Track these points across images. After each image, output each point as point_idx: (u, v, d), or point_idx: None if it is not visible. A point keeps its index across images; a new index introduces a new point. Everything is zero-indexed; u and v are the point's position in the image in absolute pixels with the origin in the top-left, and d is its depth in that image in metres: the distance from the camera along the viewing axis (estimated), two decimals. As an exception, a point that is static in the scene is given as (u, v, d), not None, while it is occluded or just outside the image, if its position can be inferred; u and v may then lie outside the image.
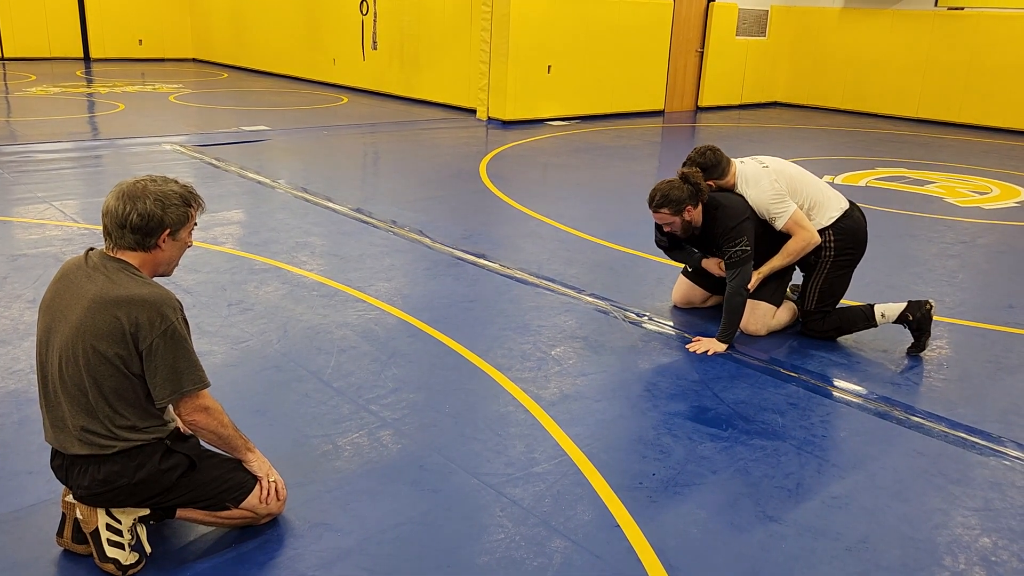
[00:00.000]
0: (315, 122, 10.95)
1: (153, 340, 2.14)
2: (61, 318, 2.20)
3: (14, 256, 4.88)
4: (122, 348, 2.13)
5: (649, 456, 2.98)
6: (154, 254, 2.27)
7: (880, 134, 11.97)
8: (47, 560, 2.31)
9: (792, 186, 4.04)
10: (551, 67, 11.75)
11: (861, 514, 2.68)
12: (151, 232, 2.22)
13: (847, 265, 4.05)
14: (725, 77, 14.48)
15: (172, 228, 2.26)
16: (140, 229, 2.21)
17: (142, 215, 2.20)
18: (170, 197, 2.25)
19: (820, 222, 4.02)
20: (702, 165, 3.99)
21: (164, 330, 2.15)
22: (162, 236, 2.24)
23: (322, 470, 2.80)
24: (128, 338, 2.13)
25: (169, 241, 2.27)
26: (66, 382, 2.18)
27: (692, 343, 3.90)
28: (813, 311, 4.07)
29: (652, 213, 3.93)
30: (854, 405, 3.45)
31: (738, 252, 3.82)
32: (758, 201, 3.97)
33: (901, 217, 6.83)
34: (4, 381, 3.33)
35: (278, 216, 6.10)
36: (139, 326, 2.13)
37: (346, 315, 4.19)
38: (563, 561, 2.38)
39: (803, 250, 3.97)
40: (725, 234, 3.86)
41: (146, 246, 2.24)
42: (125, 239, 2.22)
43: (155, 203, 2.21)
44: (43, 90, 12.94)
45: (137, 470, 2.21)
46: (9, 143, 8.40)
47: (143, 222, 2.20)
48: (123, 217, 2.20)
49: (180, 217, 2.27)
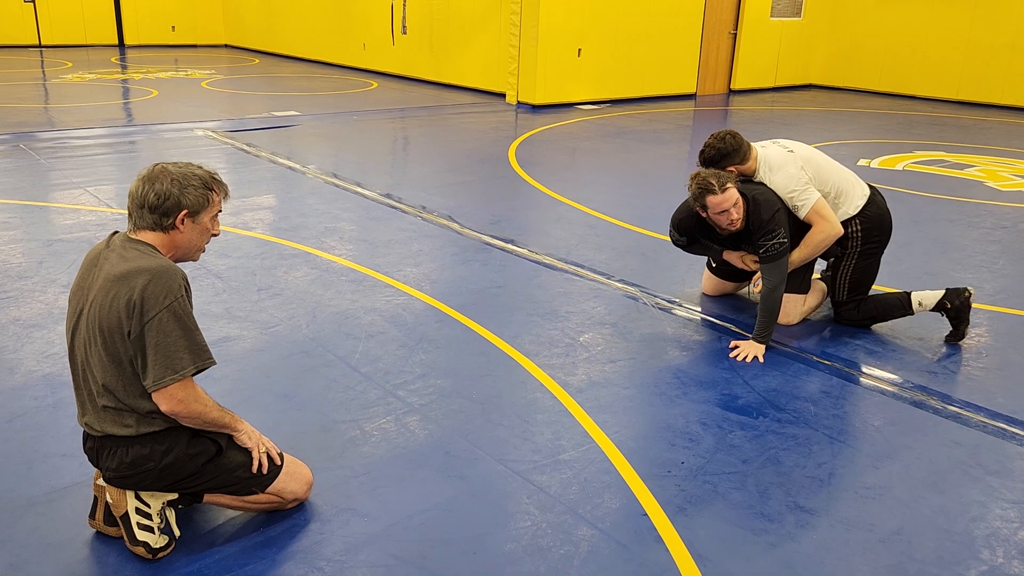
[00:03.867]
0: (345, 107, 10.97)
1: (155, 314, 2.11)
2: (84, 301, 2.22)
3: (50, 241, 4.95)
4: (133, 324, 2.13)
5: (678, 444, 2.94)
6: (172, 236, 2.27)
7: (918, 117, 11.70)
8: (80, 541, 2.34)
9: (819, 173, 3.88)
10: (581, 50, 11.63)
11: (895, 505, 2.62)
12: (168, 212, 2.23)
13: (875, 252, 3.95)
14: (759, 59, 14.23)
15: (190, 210, 2.26)
16: (157, 208, 2.22)
17: (159, 194, 2.21)
18: (189, 179, 2.26)
19: (848, 211, 3.89)
20: (722, 150, 3.81)
21: (168, 303, 2.13)
22: (179, 217, 2.25)
23: (349, 455, 2.81)
24: (134, 310, 2.12)
25: (189, 223, 2.27)
26: (92, 364, 2.20)
27: (733, 350, 3.73)
28: (846, 301, 3.98)
29: (717, 199, 3.61)
30: (889, 394, 3.38)
31: (775, 245, 3.67)
32: (783, 187, 3.82)
33: (940, 202, 6.67)
34: (39, 364, 3.39)
35: (308, 201, 6.12)
36: (144, 298, 2.11)
37: (374, 300, 4.19)
38: (590, 549, 2.37)
39: (825, 242, 3.82)
40: (761, 227, 3.69)
41: (164, 226, 2.25)
42: (144, 219, 2.24)
43: (172, 183, 2.23)
44: (79, 77, 13.12)
45: (165, 455, 2.22)
46: (46, 129, 8.53)
47: (159, 201, 2.22)
48: (142, 197, 2.22)
49: (198, 199, 2.26)
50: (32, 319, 3.82)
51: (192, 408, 2.19)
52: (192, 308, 2.24)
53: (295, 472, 2.48)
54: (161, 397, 2.15)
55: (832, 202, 3.89)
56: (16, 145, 7.69)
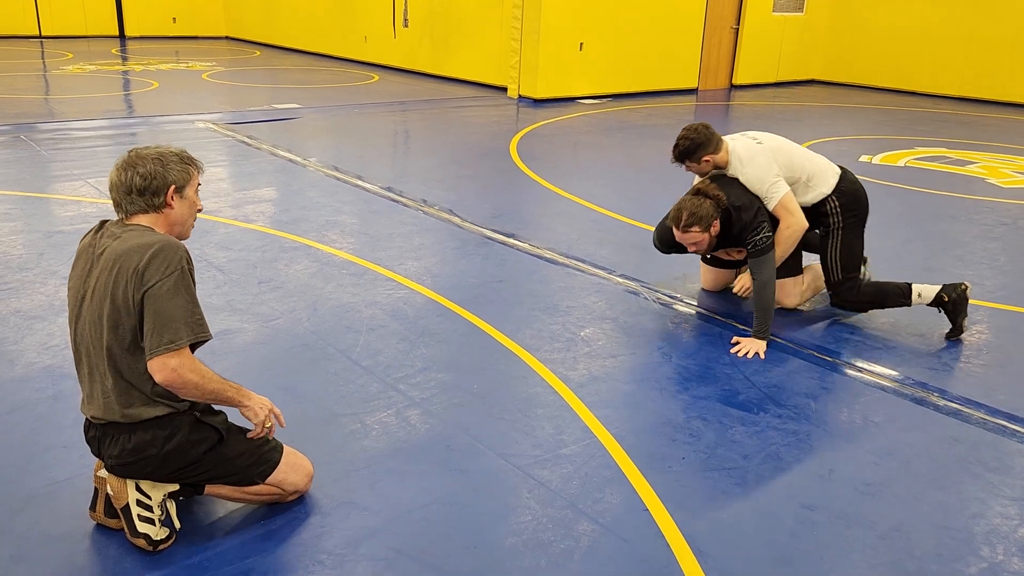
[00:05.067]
0: (346, 100, 10.95)
1: (157, 282, 2.12)
2: (86, 288, 2.23)
3: (50, 233, 4.95)
4: (135, 292, 2.13)
5: (679, 440, 2.94)
6: (165, 214, 2.29)
7: (920, 113, 11.68)
8: (80, 533, 2.34)
9: (790, 160, 3.91)
10: (583, 44, 11.61)
11: (895, 502, 2.62)
12: (157, 191, 2.25)
13: (856, 226, 4.00)
14: (761, 54, 14.21)
15: (177, 184, 2.28)
16: (146, 190, 2.24)
17: (144, 176, 2.23)
18: (168, 157, 2.29)
19: (823, 190, 3.93)
20: (696, 141, 3.84)
21: (170, 273, 2.14)
22: (168, 193, 2.27)
23: (350, 449, 2.81)
24: (137, 280, 2.12)
25: (177, 199, 2.29)
26: (97, 349, 2.20)
27: (734, 346, 3.74)
28: (842, 281, 4.00)
29: (680, 234, 3.75)
30: (889, 390, 3.38)
31: (761, 240, 3.70)
32: (753, 179, 3.83)
33: (941, 198, 6.66)
34: (40, 356, 3.38)
35: (309, 194, 6.11)
36: (148, 267, 2.13)
37: (375, 294, 4.19)
38: (590, 544, 2.37)
39: (793, 236, 3.83)
40: (745, 229, 3.72)
41: (156, 206, 2.26)
42: (134, 204, 2.25)
43: (154, 163, 2.25)
44: (79, 68, 13.09)
45: (167, 441, 2.22)
46: (47, 120, 8.51)
47: (146, 182, 2.23)
48: (127, 184, 2.23)
49: (182, 174, 2.29)
50: (33, 311, 3.82)
51: (186, 377, 2.15)
52: (195, 284, 2.25)
53: (296, 463, 2.48)
54: (155, 365, 2.13)
55: (806, 184, 3.93)
56: (17, 136, 7.68)
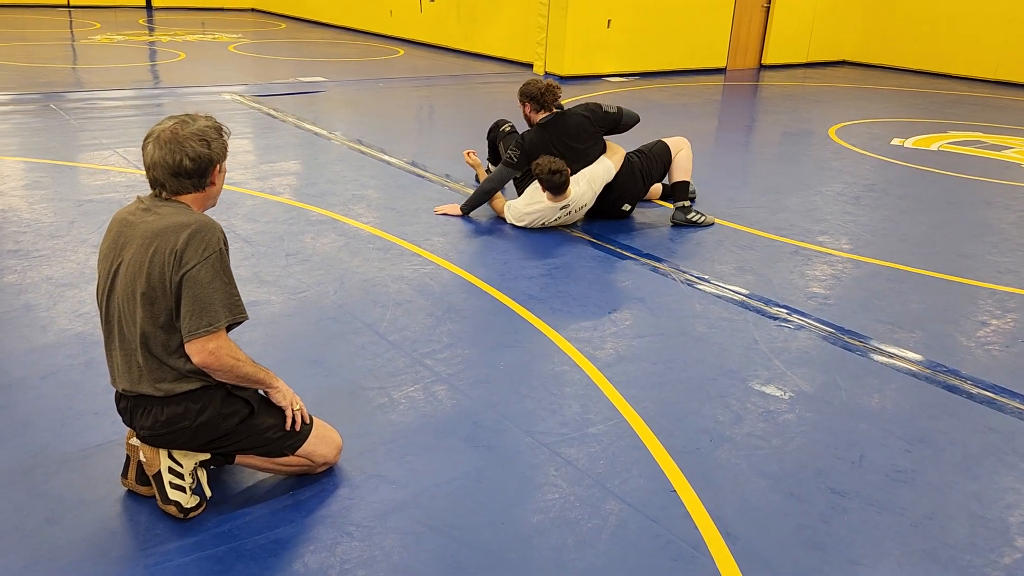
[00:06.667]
0: (371, 74, 10.90)
1: (196, 264, 2.13)
2: (119, 261, 2.22)
3: (81, 201, 4.98)
4: (173, 274, 2.14)
5: (707, 421, 2.92)
6: (208, 191, 2.30)
7: (955, 96, 11.45)
8: (113, 499, 2.36)
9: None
10: (611, 21, 11.46)
11: (927, 490, 2.59)
12: (205, 172, 2.25)
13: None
14: (792, 34, 13.96)
15: (219, 160, 2.28)
16: (195, 172, 2.22)
17: (193, 159, 2.20)
18: (208, 133, 2.25)
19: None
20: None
21: (208, 256, 2.14)
22: (214, 172, 2.28)
23: (377, 422, 2.81)
24: (175, 262, 2.12)
25: (219, 174, 2.31)
26: (130, 324, 2.20)
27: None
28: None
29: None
30: (921, 376, 3.33)
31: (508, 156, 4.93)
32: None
33: (976, 183, 6.53)
34: (72, 323, 3.41)
35: (335, 168, 6.10)
36: (186, 249, 2.12)
37: (402, 268, 4.18)
38: (618, 523, 2.36)
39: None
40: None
41: (202, 186, 2.27)
42: (182, 185, 2.23)
43: (200, 143, 2.22)
44: (107, 38, 13.12)
45: (199, 413, 2.23)
46: (75, 90, 8.55)
47: (196, 165, 2.21)
48: (176, 166, 2.19)
49: (222, 148, 2.29)
50: (64, 278, 3.85)
51: (224, 361, 2.18)
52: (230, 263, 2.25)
53: (325, 436, 2.49)
54: (193, 348, 2.15)
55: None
56: (47, 105, 7.72)
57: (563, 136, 4.86)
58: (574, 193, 4.76)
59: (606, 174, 4.87)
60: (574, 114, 4.96)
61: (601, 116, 4.97)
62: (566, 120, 4.91)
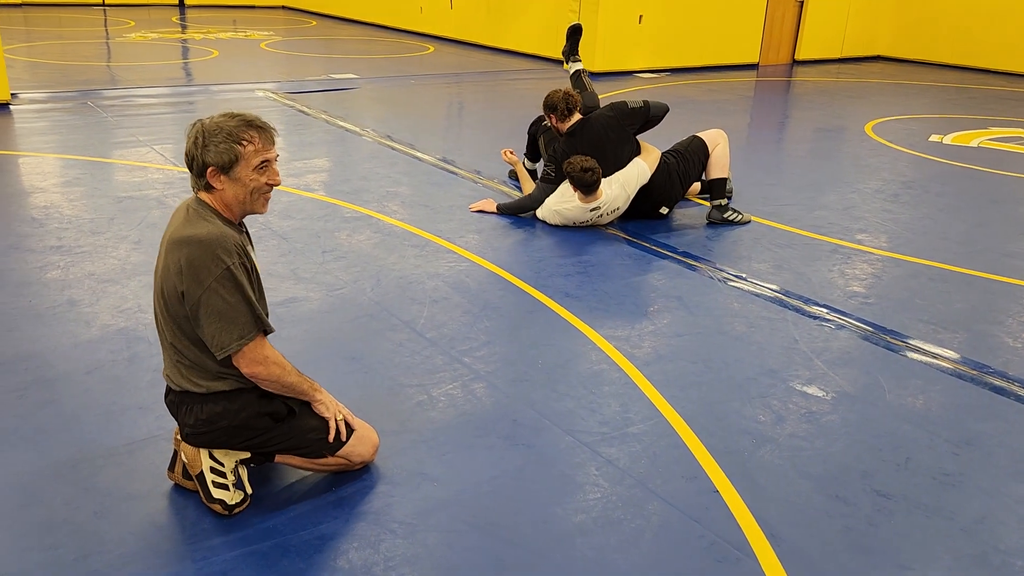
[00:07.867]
0: (402, 71, 10.93)
1: (200, 296, 2.10)
2: (157, 263, 2.26)
3: (120, 198, 5.04)
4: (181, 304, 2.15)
5: (748, 422, 2.89)
6: (218, 194, 2.20)
7: (995, 92, 11.22)
8: (159, 493, 2.39)
9: None
10: (642, 17, 11.38)
11: (977, 493, 2.54)
12: (199, 172, 2.19)
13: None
14: (825, 29, 13.77)
15: (217, 166, 2.15)
16: (190, 169, 2.22)
17: (186, 155, 2.21)
18: (214, 134, 2.13)
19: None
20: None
21: (208, 285, 2.11)
22: (209, 175, 2.17)
23: (417, 420, 2.82)
24: (183, 279, 2.12)
25: (224, 179, 2.17)
26: (162, 323, 2.25)
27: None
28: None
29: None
30: (967, 377, 3.27)
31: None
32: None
33: (1018, 181, 6.40)
34: (115, 319, 3.46)
35: (367, 165, 6.12)
36: (192, 269, 2.10)
37: (437, 266, 4.19)
38: (661, 524, 2.34)
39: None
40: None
41: (204, 186, 2.21)
42: (195, 180, 2.24)
43: (193, 143, 2.17)
44: (141, 36, 13.29)
45: (238, 413, 2.25)
46: (111, 87, 8.67)
47: (188, 162, 2.21)
48: (185, 156, 2.22)
49: (223, 154, 2.13)
50: (106, 274, 3.90)
51: (272, 370, 2.22)
52: (255, 268, 2.25)
53: (363, 435, 2.50)
54: (241, 361, 2.18)
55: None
56: (84, 102, 7.84)
57: (592, 139, 4.84)
58: (605, 195, 4.73)
59: (640, 176, 4.82)
60: (600, 116, 4.94)
61: (628, 112, 4.92)
62: (592, 124, 4.89)
